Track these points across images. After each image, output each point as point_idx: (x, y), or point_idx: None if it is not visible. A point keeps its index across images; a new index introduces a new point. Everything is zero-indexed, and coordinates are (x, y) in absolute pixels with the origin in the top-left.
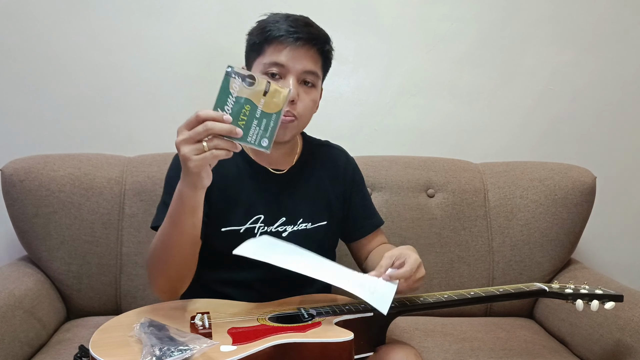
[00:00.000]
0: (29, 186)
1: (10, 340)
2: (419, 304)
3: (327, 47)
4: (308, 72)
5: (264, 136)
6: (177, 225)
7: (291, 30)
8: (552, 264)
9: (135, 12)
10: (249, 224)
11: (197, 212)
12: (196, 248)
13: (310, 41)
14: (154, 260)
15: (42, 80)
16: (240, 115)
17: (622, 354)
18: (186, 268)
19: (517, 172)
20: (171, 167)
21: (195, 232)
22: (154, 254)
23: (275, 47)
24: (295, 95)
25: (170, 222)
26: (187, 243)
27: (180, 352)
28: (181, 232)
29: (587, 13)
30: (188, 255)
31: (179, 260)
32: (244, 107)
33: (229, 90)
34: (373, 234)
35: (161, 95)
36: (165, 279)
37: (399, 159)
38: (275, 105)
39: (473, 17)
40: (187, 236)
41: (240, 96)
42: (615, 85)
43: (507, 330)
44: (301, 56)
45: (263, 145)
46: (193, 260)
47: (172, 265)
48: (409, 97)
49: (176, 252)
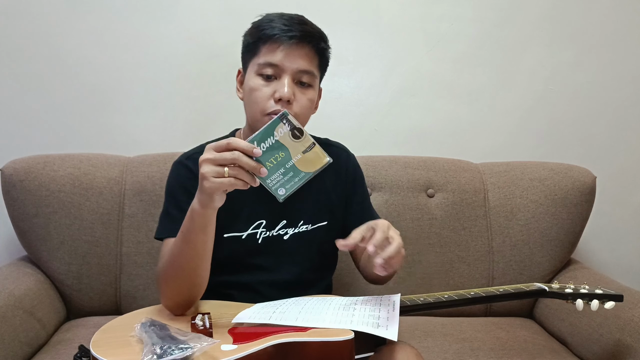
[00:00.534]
0: (29, 186)
1: (10, 340)
2: (419, 304)
3: (322, 44)
4: (303, 72)
5: (283, 186)
6: (189, 242)
7: (285, 29)
8: (552, 264)
9: (135, 12)
10: (251, 230)
11: (208, 230)
12: (208, 264)
13: (304, 39)
14: (165, 275)
15: (42, 80)
16: (271, 158)
17: (622, 354)
18: (198, 283)
19: (517, 172)
20: (170, 175)
21: (207, 248)
22: (166, 270)
23: (269, 47)
24: (291, 96)
25: (182, 238)
26: (199, 258)
27: (181, 351)
28: (193, 248)
29: (587, 13)
30: (201, 270)
31: (192, 275)
32: (278, 152)
33: (272, 131)
34: None
35: (161, 95)
36: (176, 293)
37: (399, 159)
38: (309, 165)
39: (473, 17)
40: (199, 252)
41: (280, 142)
42: (615, 85)
43: (507, 330)
44: (296, 55)
45: (279, 193)
46: (205, 276)
47: (183, 280)
48: (409, 97)
49: (188, 268)
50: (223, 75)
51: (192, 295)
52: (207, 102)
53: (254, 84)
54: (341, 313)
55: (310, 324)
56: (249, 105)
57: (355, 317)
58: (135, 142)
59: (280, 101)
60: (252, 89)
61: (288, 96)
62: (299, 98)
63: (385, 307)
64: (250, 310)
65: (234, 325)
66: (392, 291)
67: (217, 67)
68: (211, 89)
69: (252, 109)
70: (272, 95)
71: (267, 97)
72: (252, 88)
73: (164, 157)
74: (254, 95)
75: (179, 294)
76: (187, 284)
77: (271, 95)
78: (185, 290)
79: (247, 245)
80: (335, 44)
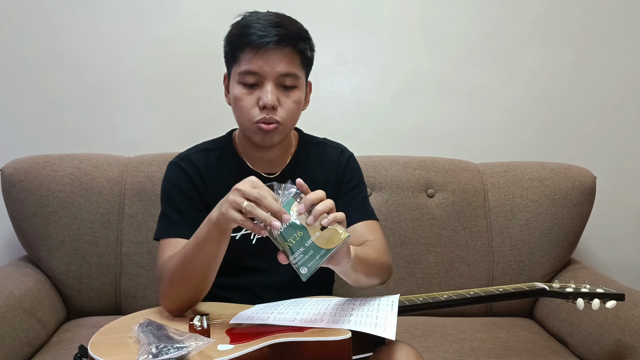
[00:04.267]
0: (29, 186)
1: (10, 340)
2: (419, 304)
3: (300, 44)
4: (285, 75)
5: (305, 264)
6: (200, 250)
7: (259, 34)
8: (552, 264)
9: (135, 12)
10: (245, 230)
11: (222, 242)
12: (215, 273)
13: (281, 42)
14: (172, 279)
15: (42, 80)
16: (290, 238)
17: (622, 354)
18: (204, 288)
19: (517, 172)
20: (165, 176)
21: (218, 258)
22: (173, 273)
23: (247, 55)
24: (275, 102)
25: (194, 245)
26: (208, 266)
27: (177, 350)
28: (204, 256)
29: (587, 13)
30: (208, 277)
31: (199, 281)
32: (297, 232)
33: (289, 211)
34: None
35: (161, 95)
36: (180, 298)
37: (399, 159)
38: (328, 242)
39: (473, 17)
40: (209, 260)
41: (298, 222)
42: (615, 85)
43: (507, 330)
44: (274, 60)
45: (302, 272)
46: (210, 283)
47: (190, 285)
48: (409, 97)
49: (197, 274)
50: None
51: (196, 298)
52: (206, 102)
53: (237, 92)
54: (339, 313)
55: (307, 324)
56: (236, 113)
57: (354, 317)
58: (135, 142)
59: (265, 109)
60: (237, 99)
61: (272, 103)
62: (283, 102)
63: (384, 307)
64: (248, 311)
65: (232, 326)
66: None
67: (217, 67)
68: (211, 89)
69: (239, 118)
70: (256, 103)
71: (251, 106)
72: (236, 97)
73: (164, 157)
74: (239, 105)
75: (183, 298)
76: (193, 289)
77: (255, 103)
78: (190, 294)
79: (241, 247)
80: (335, 44)
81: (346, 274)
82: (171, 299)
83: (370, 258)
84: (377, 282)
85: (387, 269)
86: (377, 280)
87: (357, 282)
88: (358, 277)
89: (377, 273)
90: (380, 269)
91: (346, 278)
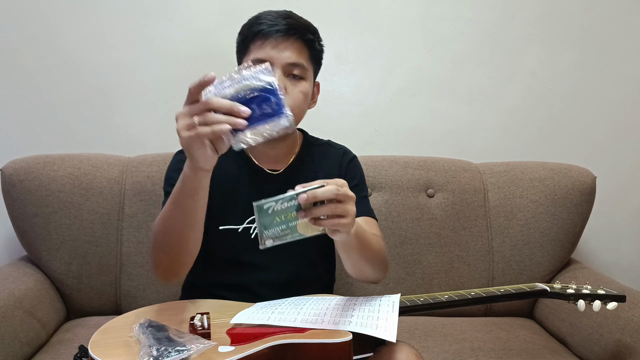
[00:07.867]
0: (29, 186)
1: (10, 340)
2: (419, 304)
3: (309, 35)
4: (293, 65)
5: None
6: (178, 206)
7: (270, 24)
8: (552, 264)
9: (135, 12)
10: (246, 224)
11: (198, 195)
12: (197, 234)
13: (289, 31)
14: (155, 237)
15: (42, 80)
16: (283, 215)
17: (622, 354)
18: (185, 252)
19: (517, 172)
20: (171, 162)
21: (195, 216)
22: (156, 232)
23: (258, 44)
24: (283, 88)
25: (172, 201)
26: (187, 226)
27: (178, 353)
28: (181, 212)
29: (587, 13)
30: (188, 239)
31: (178, 241)
32: (291, 212)
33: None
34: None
35: (161, 95)
36: (163, 258)
37: (399, 159)
38: (307, 229)
39: (473, 17)
40: (187, 219)
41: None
42: (615, 85)
43: (507, 330)
44: (283, 48)
45: (266, 243)
46: (194, 246)
47: (170, 245)
48: (409, 97)
49: (176, 233)
50: None
51: (180, 261)
52: None
53: None
54: (340, 314)
55: (308, 325)
56: None
57: (354, 318)
58: (135, 142)
59: None
60: None
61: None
62: (290, 91)
63: (385, 308)
64: (249, 311)
65: (233, 326)
66: (392, 291)
67: (217, 67)
68: None
69: None
70: None
71: None
72: None
73: (164, 157)
74: None
75: (166, 258)
76: (175, 249)
77: None
78: (172, 254)
79: (242, 240)
80: (335, 44)
81: (345, 249)
82: (157, 263)
83: (370, 239)
84: (374, 270)
85: (385, 261)
86: (375, 267)
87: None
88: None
89: (376, 259)
90: (379, 256)
91: (344, 255)
